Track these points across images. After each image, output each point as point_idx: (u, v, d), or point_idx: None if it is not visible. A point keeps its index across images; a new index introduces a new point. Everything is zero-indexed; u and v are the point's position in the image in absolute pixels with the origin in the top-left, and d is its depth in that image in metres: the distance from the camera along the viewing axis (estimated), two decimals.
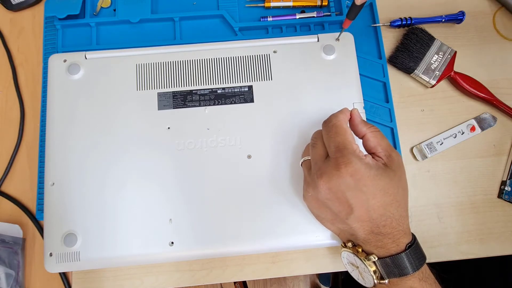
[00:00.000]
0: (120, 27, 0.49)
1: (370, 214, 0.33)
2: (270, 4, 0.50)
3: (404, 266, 0.32)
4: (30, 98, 0.50)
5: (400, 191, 0.34)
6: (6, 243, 0.43)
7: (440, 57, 0.48)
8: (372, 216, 0.33)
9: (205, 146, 0.41)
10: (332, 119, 0.35)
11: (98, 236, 0.39)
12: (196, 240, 0.39)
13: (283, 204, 0.40)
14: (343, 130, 0.34)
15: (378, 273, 0.33)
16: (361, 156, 0.33)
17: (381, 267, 0.33)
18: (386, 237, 0.33)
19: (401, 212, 0.34)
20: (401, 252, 0.33)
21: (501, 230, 0.46)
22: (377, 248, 0.33)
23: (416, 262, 0.33)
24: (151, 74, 0.43)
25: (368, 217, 0.33)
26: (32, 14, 0.52)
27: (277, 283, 1.17)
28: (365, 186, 0.32)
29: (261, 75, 0.43)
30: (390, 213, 0.33)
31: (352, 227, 0.34)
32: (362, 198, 0.33)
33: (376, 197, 0.33)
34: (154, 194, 0.40)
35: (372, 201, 0.33)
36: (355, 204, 0.33)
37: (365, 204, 0.33)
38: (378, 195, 0.33)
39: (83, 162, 0.41)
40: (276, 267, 0.44)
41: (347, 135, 0.34)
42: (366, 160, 0.33)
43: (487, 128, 0.48)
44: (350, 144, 0.33)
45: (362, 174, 0.32)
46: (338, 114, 0.35)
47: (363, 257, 0.34)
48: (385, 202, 0.33)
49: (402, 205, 0.34)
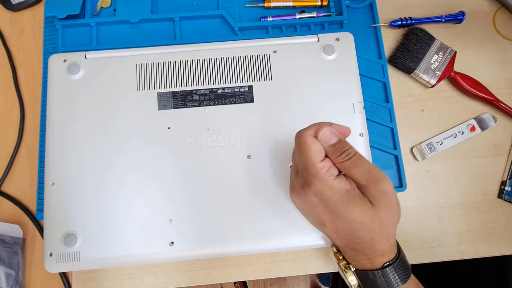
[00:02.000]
0: (120, 27, 0.49)
1: (339, 233, 0.33)
2: (270, 4, 0.50)
3: (381, 284, 0.32)
4: (30, 98, 0.50)
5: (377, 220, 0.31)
6: (6, 243, 0.43)
7: (440, 57, 0.48)
8: (342, 235, 0.33)
9: (205, 146, 0.41)
10: (297, 135, 0.33)
11: (98, 236, 0.39)
12: (196, 240, 0.39)
13: (283, 204, 0.40)
14: (306, 148, 0.32)
15: (357, 284, 0.34)
16: (326, 178, 0.31)
17: (360, 280, 0.33)
18: (360, 254, 0.33)
19: (373, 236, 0.31)
20: (377, 270, 0.32)
21: (501, 230, 0.46)
22: (353, 261, 0.34)
23: (396, 279, 0.32)
24: (151, 74, 0.43)
25: (338, 236, 0.33)
26: (32, 14, 0.52)
27: (277, 283, 1.17)
28: (332, 206, 0.31)
29: (261, 75, 0.43)
30: (358, 235, 0.32)
31: (329, 235, 0.34)
32: (330, 216, 0.32)
33: (342, 219, 0.31)
34: (154, 194, 0.40)
35: (337, 221, 0.32)
36: (325, 219, 0.32)
37: (332, 223, 0.32)
38: (342, 219, 0.31)
39: (83, 162, 0.41)
40: (276, 267, 0.44)
41: (310, 154, 0.31)
42: (331, 183, 0.31)
43: (487, 128, 0.48)
44: (313, 165, 0.31)
45: (326, 196, 0.31)
46: (303, 131, 0.33)
47: (343, 265, 0.34)
48: (352, 226, 0.31)
49: (377, 230, 0.31)
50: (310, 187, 0.31)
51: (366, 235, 0.32)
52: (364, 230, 0.31)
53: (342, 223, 0.32)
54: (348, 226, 0.32)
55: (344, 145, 0.32)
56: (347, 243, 0.33)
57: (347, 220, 0.31)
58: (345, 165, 0.32)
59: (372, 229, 0.31)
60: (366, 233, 0.31)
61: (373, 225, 0.31)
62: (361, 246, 0.32)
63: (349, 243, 0.33)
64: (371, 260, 0.32)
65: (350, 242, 0.33)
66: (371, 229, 0.31)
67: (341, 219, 0.31)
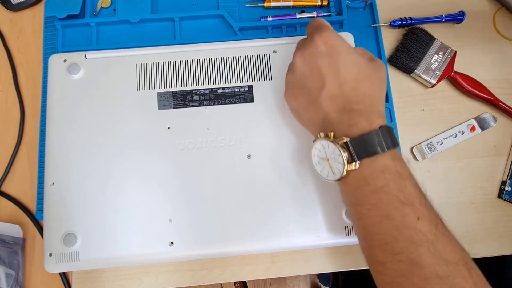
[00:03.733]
0: (120, 27, 0.49)
1: (342, 88, 0.33)
2: (270, 4, 0.50)
3: (377, 144, 0.31)
4: (30, 98, 0.50)
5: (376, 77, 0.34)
6: (6, 243, 0.43)
7: (440, 57, 0.48)
8: (344, 90, 0.33)
9: (205, 146, 0.41)
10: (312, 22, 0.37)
11: (98, 236, 0.39)
12: (196, 240, 0.39)
13: (283, 204, 0.40)
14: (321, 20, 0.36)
15: (349, 156, 0.32)
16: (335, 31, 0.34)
17: (354, 147, 0.32)
18: (359, 115, 0.32)
19: (375, 92, 0.34)
20: (374, 130, 0.32)
21: (501, 230, 0.46)
22: (349, 127, 0.32)
23: (389, 142, 0.32)
24: (151, 74, 0.43)
25: (340, 91, 0.33)
26: (32, 14, 0.52)
27: (277, 283, 1.17)
28: (337, 54, 0.33)
29: (261, 75, 0.43)
30: (363, 89, 0.33)
31: (324, 106, 0.34)
32: (334, 67, 0.33)
33: (349, 69, 0.33)
34: (154, 194, 0.40)
35: (344, 72, 0.33)
36: (326, 74, 0.33)
37: (336, 74, 0.33)
38: (351, 68, 0.33)
39: (83, 162, 0.41)
40: (276, 267, 0.44)
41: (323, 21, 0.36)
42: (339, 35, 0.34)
43: (487, 128, 0.48)
44: (327, 23, 0.35)
45: (334, 42, 0.33)
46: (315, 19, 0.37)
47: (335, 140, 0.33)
48: (358, 76, 0.33)
49: (378, 88, 0.34)
50: (322, 34, 0.33)
51: (370, 88, 0.33)
52: (368, 82, 0.33)
53: (348, 73, 0.33)
54: (353, 76, 0.33)
55: None
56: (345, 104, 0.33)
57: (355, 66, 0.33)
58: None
59: (374, 83, 0.34)
60: (370, 86, 0.33)
61: (375, 78, 0.34)
62: (361, 105, 0.33)
63: (347, 104, 0.33)
64: (370, 121, 0.32)
65: (351, 100, 0.33)
66: (374, 82, 0.34)
67: (348, 67, 0.33)
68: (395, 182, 0.31)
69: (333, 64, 0.33)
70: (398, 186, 0.31)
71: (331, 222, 0.39)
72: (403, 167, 0.32)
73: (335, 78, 0.33)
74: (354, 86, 0.33)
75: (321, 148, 0.34)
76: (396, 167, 0.31)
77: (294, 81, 0.36)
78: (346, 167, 0.32)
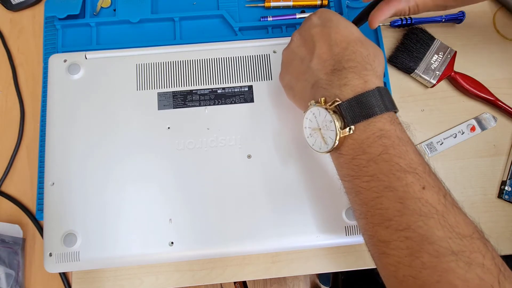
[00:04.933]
0: (120, 27, 0.49)
1: (333, 50, 0.32)
2: (270, 4, 0.50)
3: (373, 105, 0.28)
4: (30, 98, 0.50)
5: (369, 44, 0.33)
6: (6, 243, 0.43)
7: (440, 57, 0.48)
8: (335, 51, 0.32)
9: (205, 146, 0.41)
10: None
11: (98, 236, 0.39)
12: (196, 240, 0.39)
13: (283, 204, 0.40)
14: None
15: (342, 122, 0.29)
16: None
17: (346, 110, 0.29)
18: (351, 72, 0.30)
19: (369, 53, 0.31)
20: (369, 90, 0.29)
21: (501, 230, 0.46)
22: (340, 88, 0.30)
23: (387, 103, 0.29)
24: (151, 74, 0.43)
25: (331, 53, 0.32)
26: (32, 14, 0.52)
27: (277, 283, 1.17)
28: (329, 22, 0.33)
29: (261, 75, 0.43)
30: (354, 48, 0.31)
31: (314, 70, 0.33)
32: (325, 32, 0.33)
33: (340, 32, 0.33)
34: (154, 194, 0.40)
35: (334, 35, 0.33)
36: (318, 40, 0.33)
37: (327, 39, 0.33)
38: (342, 31, 0.33)
39: (83, 162, 0.41)
40: (276, 267, 0.44)
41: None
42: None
43: (487, 128, 0.48)
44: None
45: (328, 14, 0.34)
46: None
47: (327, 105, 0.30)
48: (349, 38, 0.32)
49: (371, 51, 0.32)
50: (316, 13, 0.35)
51: (363, 50, 0.32)
52: (359, 44, 0.32)
53: (339, 35, 0.32)
54: (344, 38, 0.32)
55: None
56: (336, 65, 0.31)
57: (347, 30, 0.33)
58: None
59: (367, 48, 0.32)
60: (362, 47, 0.32)
61: (368, 44, 0.33)
62: (353, 62, 0.31)
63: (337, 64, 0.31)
64: (364, 78, 0.30)
65: (342, 59, 0.31)
66: (366, 46, 0.32)
67: (339, 30, 0.33)
68: (394, 148, 0.28)
69: (325, 30, 0.33)
70: (398, 152, 0.27)
71: (331, 222, 0.39)
72: (403, 132, 0.29)
73: (326, 41, 0.33)
74: (344, 46, 0.32)
75: (312, 118, 0.32)
76: (395, 132, 0.28)
77: (288, 53, 0.37)
78: (339, 134, 0.29)
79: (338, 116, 0.29)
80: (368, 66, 0.31)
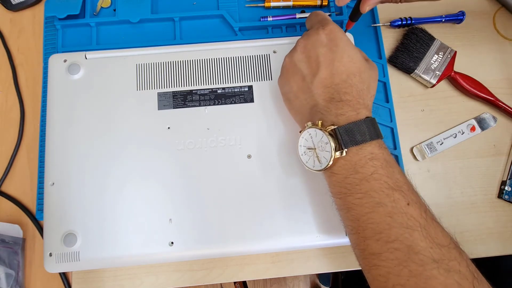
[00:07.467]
0: (120, 27, 0.49)
1: (334, 79, 0.34)
2: (270, 4, 0.50)
3: (365, 132, 0.32)
4: (30, 98, 0.50)
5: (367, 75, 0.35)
6: (6, 243, 0.43)
7: (440, 57, 0.48)
8: (335, 81, 0.34)
9: (205, 146, 0.41)
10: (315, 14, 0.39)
11: (98, 236, 0.39)
12: (196, 240, 0.39)
13: (283, 204, 0.40)
14: (323, 13, 0.39)
15: (336, 144, 0.33)
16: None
17: (342, 134, 0.32)
18: (346, 105, 0.34)
19: (363, 87, 0.35)
20: (361, 119, 0.33)
21: (501, 230, 0.46)
22: (337, 116, 0.33)
23: (376, 131, 0.33)
24: (151, 74, 0.43)
25: (331, 82, 0.34)
26: (32, 14, 0.52)
27: (277, 283, 1.17)
28: (336, 47, 0.35)
29: (261, 75, 0.43)
30: (352, 82, 0.34)
31: (314, 93, 0.35)
32: (330, 57, 0.35)
33: (342, 61, 0.34)
34: (154, 194, 0.40)
35: (337, 63, 0.34)
36: (322, 63, 0.35)
37: (330, 65, 0.35)
38: (344, 60, 0.35)
39: (83, 162, 0.41)
40: (276, 267, 0.44)
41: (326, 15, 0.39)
42: (342, 30, 0.36)
43: (487, 128, 0.48)
44: (329, 17, 0.38)
45: (336, 35, 0.35)
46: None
47: (323, 128, 0.34)
48: (349, 69, 0.34)
49: (367, 85, 0.35)
50: (325, 27, 0.36)
51: (359, 84, 0.35)
52: (358, 77, 0.35)
53: (341, 65, 0.34)
54: (345, 69, 0.34)
55: None
56: (334, 94, 0.34)
57: (349, 60, 0.35)
58: None
59: (363, 80, 0.35)
60: (359, 81, 0.35)
61: (365, 75, 0.35)
62: (350, 96, 0.34)
63: (336, 94, 0.34)
64: (356, 111, 0.34)
65: (340, 91, 0.34)
66: (363, 79, 0.35)
67: (342, 60, 0.35)
68: (383, 168, 0.32)
69: (330, 55, 0.35)
70: (386, 173, 0.31)
71: (331, 222, 0.39)
72: (389, 155, 0.33)
73: (329, 67, 0.35)
74: (344, 79, 0.34)
75: (308, 137, 0.35)
76: (383, 155, 0.32)
77: (291, 64, 0.37)
78: (333, 155, 0.32)
79: (333, 139, 0.33)
80: (360, 101, 0.34)
